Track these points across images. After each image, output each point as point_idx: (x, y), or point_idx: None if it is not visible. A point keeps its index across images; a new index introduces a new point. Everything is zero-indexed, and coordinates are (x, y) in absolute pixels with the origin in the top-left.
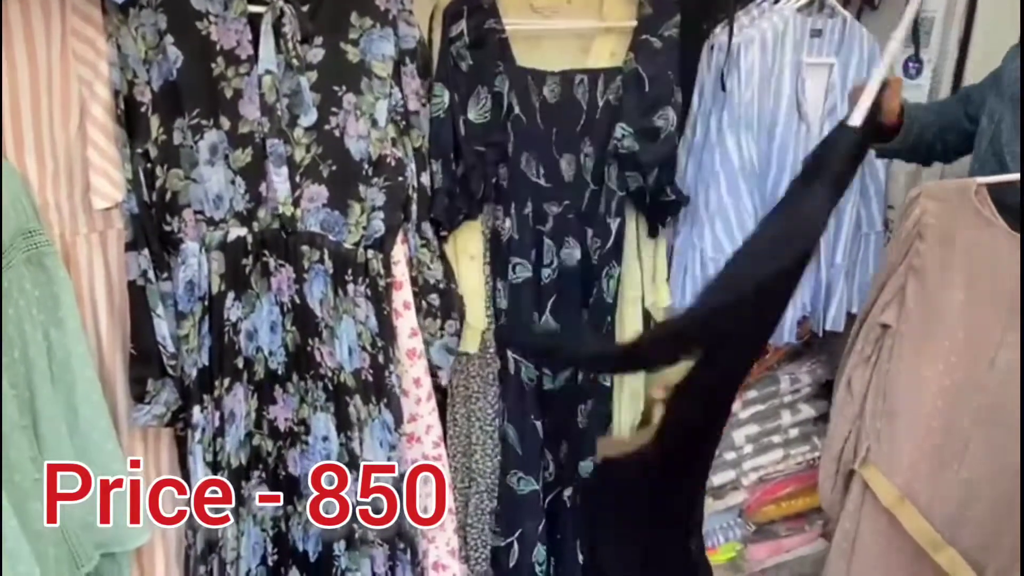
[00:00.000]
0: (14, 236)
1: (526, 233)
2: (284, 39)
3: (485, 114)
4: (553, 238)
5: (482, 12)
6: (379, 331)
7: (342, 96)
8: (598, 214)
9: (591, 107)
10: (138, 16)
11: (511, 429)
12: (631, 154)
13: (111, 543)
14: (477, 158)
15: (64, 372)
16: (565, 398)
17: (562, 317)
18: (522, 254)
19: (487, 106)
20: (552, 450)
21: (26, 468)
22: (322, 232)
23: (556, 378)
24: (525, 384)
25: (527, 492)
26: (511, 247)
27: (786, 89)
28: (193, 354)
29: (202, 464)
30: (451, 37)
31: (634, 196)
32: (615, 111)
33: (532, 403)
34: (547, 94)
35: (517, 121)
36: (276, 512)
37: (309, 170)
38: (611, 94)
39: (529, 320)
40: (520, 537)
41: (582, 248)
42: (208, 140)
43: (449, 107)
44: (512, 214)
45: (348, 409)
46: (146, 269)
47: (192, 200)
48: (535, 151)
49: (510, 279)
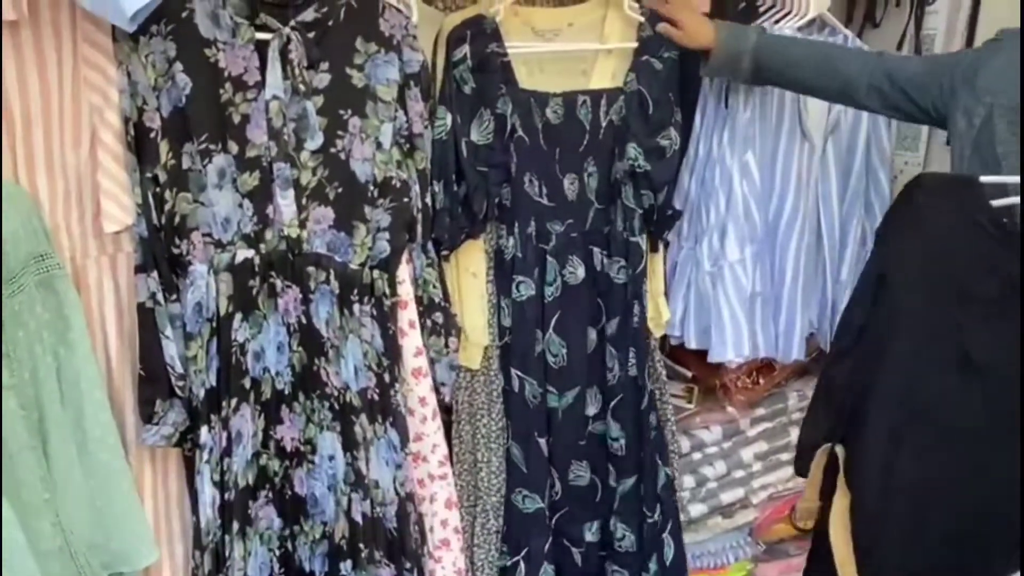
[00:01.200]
0: (26, 260)
1: (529, 251)
2: (291, 65)
3: (488, 135)
4: (556, 256)
5: (485, 37)
6: (384, 350)
7: (348, 120)
8: (615, 233)
9: (594, 127)
10: (148, 44)
11: (516, 447)
12: (645, 172)
13: (119, 563)
14: (480, 178)
15: (74, 393)
16: (571, 416)
17: (567, 335)
18: (525, 272)
19: (490, 128)
20: (558, 469)
21: (35, 487)
22: (328, 253)
23: (562, 396)
24: (529, 401)
25: (533, 510)
26: (514, 265)
27: (788, 106)
28: (201, 375)
29: (209, 484)
30: (454, 61)
31: (645, 214)
32: (618, 131)
33: (537, 421)
34: (550, 115)
35: (520, 142)
36: (283, 531)
37: (315, 193)
38: (614, 114)
39: (533, 337)
40: (527, 556)
41: (587, 266)
42: (216, 164)
43: (452, 129)
44: (515, 233)
45: (354, 428)
46: (155, 291)
47: (200, 223)
48: (538, 171)
49: (514, 296)
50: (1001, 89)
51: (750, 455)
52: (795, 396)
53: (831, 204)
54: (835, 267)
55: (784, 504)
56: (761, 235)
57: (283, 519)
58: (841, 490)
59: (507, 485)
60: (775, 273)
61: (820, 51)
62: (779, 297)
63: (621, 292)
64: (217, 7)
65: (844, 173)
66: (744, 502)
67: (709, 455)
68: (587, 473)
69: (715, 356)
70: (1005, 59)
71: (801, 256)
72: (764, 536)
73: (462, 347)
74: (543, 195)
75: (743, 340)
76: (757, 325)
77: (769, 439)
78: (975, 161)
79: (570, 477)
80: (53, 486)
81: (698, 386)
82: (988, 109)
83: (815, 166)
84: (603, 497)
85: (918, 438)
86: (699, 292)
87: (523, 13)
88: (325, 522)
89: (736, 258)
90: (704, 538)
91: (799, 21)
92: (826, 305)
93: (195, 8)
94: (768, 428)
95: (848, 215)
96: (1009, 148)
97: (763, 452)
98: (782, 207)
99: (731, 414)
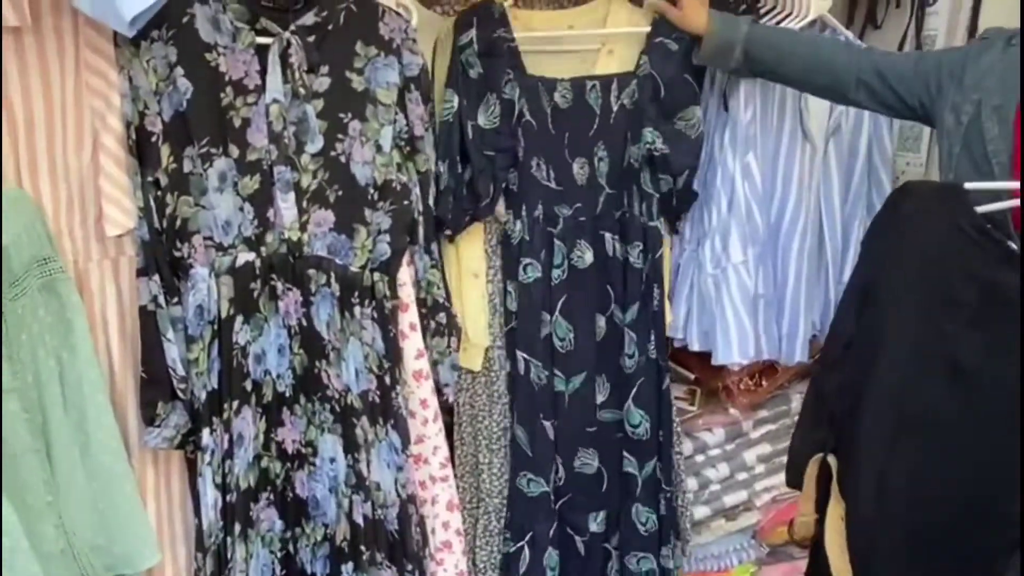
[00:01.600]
0: (29, 264)
1: (536, 234)
2: (291, 69)
3: (495, 120)
4: (564, 240)
5: (492, 22)
6: (385, 353)
7: (348, 123)
8: (632, 217)
9: (604, 112)
10: (149, 49)
11: (521, 430)
12: (663, 156)
13: (121, 565)
14: (487, 162)
15: (76, 396)
16: (578, 402)
17: (573, 319)
18: (532, 255)
19: (496, 112)
20: (563, 454)
21: (38, 490)
22: (329, 256)
23: (569, 380)
24: (534, 383)
25: (537, 494)
26: (521, 248)
27: (789, 107)
28: (202, 377)
29: (211, 486)
30: (461, 45)
31: (663, 198)
32: (632, 115)
33: (542, 404)
34: (558, 100)
35: (528, 127)
36: (284, 533)
37: (316, 195)
38: (626, 98)
39: (539, 320)
40: (531, 541)
41: (595, 251)
42: (217, 168)
43: (458, 111)
44: (523, 216)
45: (355, 431)
46: (157, 294)
47: (201, 226)
48: (545, 155)
49: (520, 279)
50: (990, 87)
51: (753, 457)
52: (798, 398)
53: (833, 205)
54: (838, 268)
55: (788, 507)
56: (763, 237)
57: (284, 521)
58: (835, 499)
59: (512, 470)
60: (778, 275)
61: (810, 44)
62: (782, 299)
63: (638, 277)
64: (218, 12)
65: (846, 174)
66: (747, 504)
67: (712, 457)
68: (594, 461)
69: (720, 359)
70: (993, 57)
71: (804, 258)
72: (768, 539)
73: (462, 348)
74: (551, 179)
75: (747, 342)
76: (760, 327)
77: (772, 441)
78: (964, 158)
79: (576, 464)
80: (56, 489)
81: (701, 388)
82: (976, 106)
83: (817, 167)
84: (612, 487)
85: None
86: (702, 294)
87: (522, 16)
88: (326, 524)
89: (739, 260)
90: (707, 541)
91: (800, 22)
92: (829, 307)
93: (196, 13)
94: (771, 430)
95: (850, 216)
96: (999, 147)
97: (766, 454)
98: (784, 209)
99: (734, 416)
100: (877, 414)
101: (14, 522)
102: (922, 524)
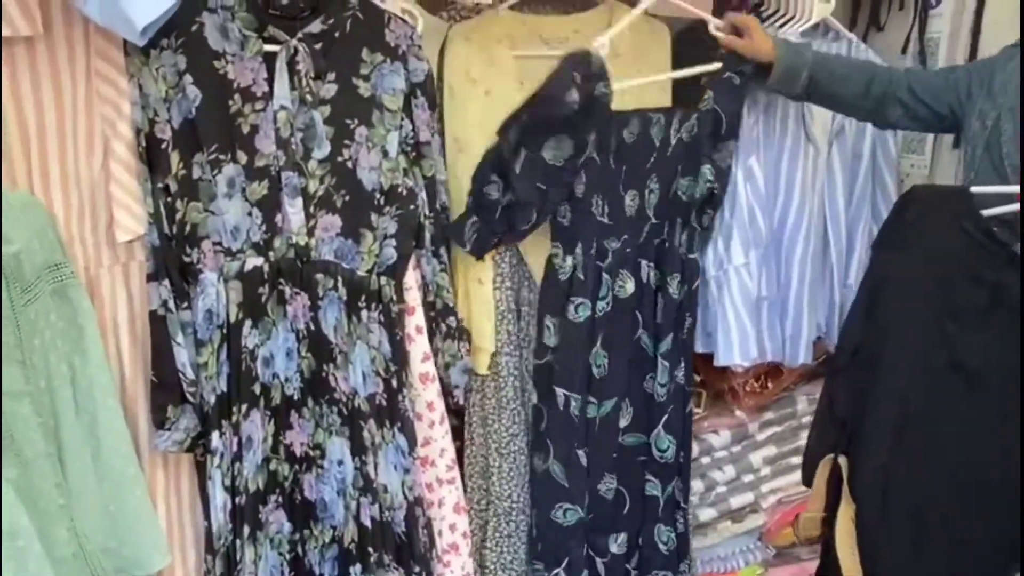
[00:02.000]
0: (41, 269)
1: (589, 271)
2: (298, 76)
3: (561, 159)
4: (610, 272)
5: (593, 77)
6: (392, 356)
7: (354, 129)
8: (672, 249)
9: (663, 145)
10: (159, 57)
11: (556, 465)
12: (712, 191)
13: (132, 567)
14: (537, 195)
15: (87, 401)
16: (605, 427)
17: (611, 347)
18: (584, 293)
19: (567, 152)
20: (592, 479)
21: (51, 494)
22: (336, 260)
23: (601, 405)
24: (574, 416)
25: (574, 522)
26: (573, 286)
27: (792, 111)
28: (212, 381)
29: (221, 489)
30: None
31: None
32: (687, 148)
33: (578, 433)
34: (626, 136)
35: (591, 163)
36: (293, 536)
37: (323, 201)
38: (685, 132)
39: (584, 355)
40: (567, 567)
41: (635, 279)
42: (226, 174)
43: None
44: (577, 253)
45: (362, 433)
46: (167, 299)
47: (211, 232)
48: (603, 191)
49: (570, 317)
50: (1011, 91)
51: (759, 459)
52: (804, 400)
53: (837, 207)
54: (842, 271)
55: (794, 508)
56: (767, 239)
57: (293, 523)
58: (845, 500)
59: (546, 503)
60: (781, 277)
61: (862, 70)
62: (785, 301)
63: (673, 306)
64: (226, 21)
65: (850, 176)
66: (753, 506)
67: (718, 459)
68: (614, 484)
69: (721, 360)
70: (1017, 63)
71: (807, 260)
72: (774, 540)
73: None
74: (604, 214)
75: (749, 344)
76: (763, 329)
77: (778, 443)
78: (985, 160)
79: (600, 489)
80: (68, 492)
81: (706, 390)
82: (999, 111)
83: (821, 170)
84: (633, 508)
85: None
86: (704, 296)
87: (531, 22)
88: (334, 526)
89: (740, 262)
90: (714, 542)
91: (803, 26)
92: (833, 309)
93: (205, 22)
94: (777, 432)
95: (855, 218)
96: (1011, 148)
97: (772, 456)
98: (788, 211)
99: (740, 418)
100: (882, 416)
101: (27, 526)
102: (928, 524)
